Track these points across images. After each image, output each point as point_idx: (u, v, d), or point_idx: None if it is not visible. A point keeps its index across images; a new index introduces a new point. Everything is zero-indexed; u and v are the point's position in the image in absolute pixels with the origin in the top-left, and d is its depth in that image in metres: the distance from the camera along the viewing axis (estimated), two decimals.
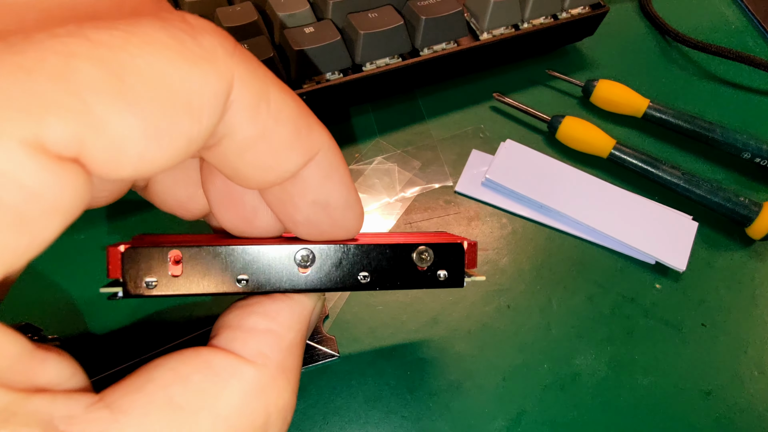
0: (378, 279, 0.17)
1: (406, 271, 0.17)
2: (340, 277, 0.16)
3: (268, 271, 0.16)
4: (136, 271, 0.15)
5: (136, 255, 0.15)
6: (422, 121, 0.38)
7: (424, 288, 0.17)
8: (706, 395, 0.29)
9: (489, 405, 0.28)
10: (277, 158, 0.14)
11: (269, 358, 0.14)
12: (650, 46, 0.43)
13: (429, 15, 0.34)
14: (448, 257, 0.17)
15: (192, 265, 0.15)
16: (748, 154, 0.36)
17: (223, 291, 0.15)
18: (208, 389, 0.12)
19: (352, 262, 0.16)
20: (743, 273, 0.33)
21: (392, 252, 0.17)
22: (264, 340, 0.14)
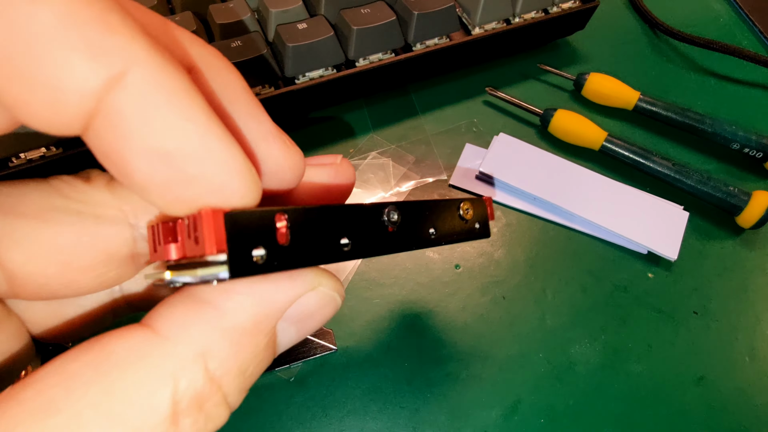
0: (442, 235, 0.17)
1: (459, 225, 0.18)
2: (418, 235, 0.16)
3: (364, 233, 0.14)
4: (243, 241, 0.11)
5: (242, 220, 0.11)
6: (416, 116, 0.38)
7: (469, 240, 0.18)
8: (698, 381, 0.30)
9: (486, 394, 0.28)
10: (33, 63, 0.09)
11: (185, 332, 0.11)
12: (640, 40, 0.44)
13: (421, 10, 0.34)
14: (479, 210, 0.19)
15: (298, 230, 0.13)
16: (737, 144, 0.36)
17: (330, 260, 0.13)
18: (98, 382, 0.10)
19: (426, 217, 0.16)
20: (734, 261, 0.34)
21: (447, 207, 0.17)
22: (194, 313, 0.11)
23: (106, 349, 0.10)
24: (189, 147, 0.11)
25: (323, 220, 0.13)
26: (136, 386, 0.10)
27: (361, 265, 0.32)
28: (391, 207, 0.15)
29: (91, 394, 0.10)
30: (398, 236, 0.15)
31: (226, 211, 0.11)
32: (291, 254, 0.12)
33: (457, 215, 0.18)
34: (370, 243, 0.14)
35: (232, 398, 0.12)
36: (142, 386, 0.10)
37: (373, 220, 0.15)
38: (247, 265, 0.11)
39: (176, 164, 0.11)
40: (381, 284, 0.31)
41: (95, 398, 0.10)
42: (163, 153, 0.10)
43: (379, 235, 0.15)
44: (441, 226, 0.17)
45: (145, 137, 0.10)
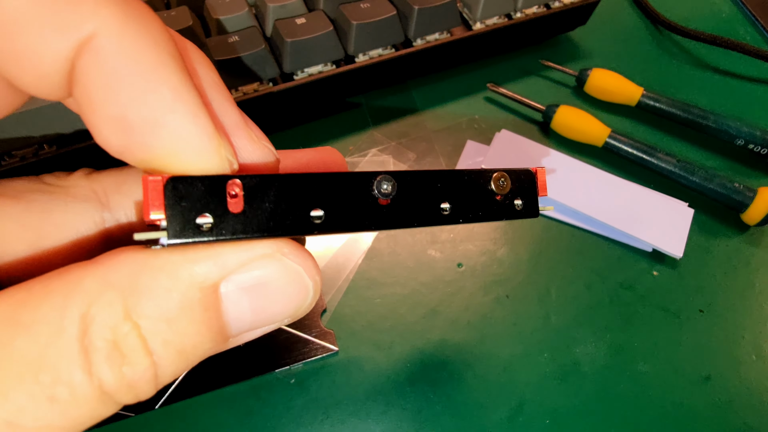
0: (459, 209, 0.15)
1: (486, 201, 0.15)
2: (421, 209, 0.14)
3: (345, 204, 0.13)
4: (185, 207, 0.11)
5: (183, 186, 0.11)
6: (416, 113, 0.37)
7: (503, 219, 0.16)
8: (704, 380, 0.29)
9: (490, 395, 0.28)
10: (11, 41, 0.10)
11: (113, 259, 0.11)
12: (642, 35, 0.43)
13: (422, 5, 0.33)
14: (522, 184, 0.16)
15: (255, 199, 0.12)
16: (741, 140, 0.36)
17: (295, 231, 0.12)
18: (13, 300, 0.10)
19: (433, 190, 0.14)
20: (739, 259, 0.33)
21: (470, 178, 0.15)
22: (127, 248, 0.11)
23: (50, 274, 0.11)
24: (149, 118, 0.11)
25: (287, 189, 0.12)
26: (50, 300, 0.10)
27: (361, 264, 0.31)
28: (382, 176, 0.14)
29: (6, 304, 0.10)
30: (394, 211, 0.14)
31: (168, 177, 0.11)
32: (244, 223, 0.12)
33: (487, 189, 0.15)
34: (353, 216, 0.13)
35: (155, 347, 0.11)
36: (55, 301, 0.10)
37: (358, 191, 0.13)
38: (191, 231, 0.11)
39: (135, 133, 0.11)
40: (382, 283, 0.31)
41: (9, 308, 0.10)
42: (123, 121, 0.11)
43: (365, 209, 0.13)
44: (459, 200, 0.15)
45: (108, 103, 0.10)
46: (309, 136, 0.35)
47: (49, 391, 0.10)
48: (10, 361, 0.10)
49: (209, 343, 0.12)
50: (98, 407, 0.11)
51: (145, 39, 0.10)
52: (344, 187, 0.13)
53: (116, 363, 0.11)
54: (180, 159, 0.11)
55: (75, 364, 0.10)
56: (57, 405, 0.10)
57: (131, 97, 0.10)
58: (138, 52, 0.10)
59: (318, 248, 0.32)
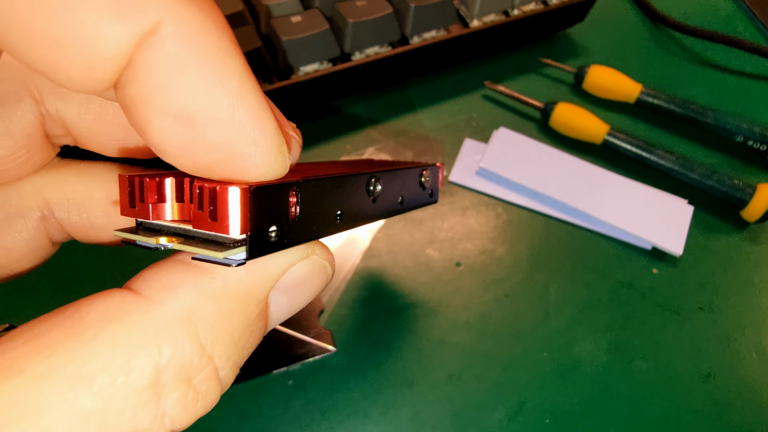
0: (408, 201, 0.17)
1: (419, 192, 0.18)
2: (391, 204, 0.16)
3: (353, 204, 0.14)
4: (264, 220, 0.10)
5: (263, 196, 0.10)
6: (413, 111, 0.37)
7: (425, 206, 0.19)
8: (705, 378, 0.29)
9: (490, 395, 0.28)
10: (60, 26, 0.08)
11: (173, 294, 0.10)
12: (640, 32, 0.43)
13: (418, 2, 0.33)
14: (434, 177, 0.19)
15: (305, 204, 0.12)
16: (740, 137, 0.36)
17: (329, 232, 0.13)
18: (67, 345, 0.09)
19: (399, 186, 0.16)
20: (739, 256, 0.33)
21: (416, 174, 0.18)
22: (181, 275, 0.10)
23: (80, 311, 0.10)
24: (214, 114, 0.10)
25: (325, 192, 0.12)
26: (110, 348, 0.09)
27: (359, 264, 0.31)
28: (375, 177, 0.15)
29: (57, 356, 0.09)
30: (377, 206, 0.15)
31: (252, 187, 0.10)
32: (298, 229, 0.12)
33: (419, 182, 0.18)
34: (358, 213, 0.14)
35: (224, 372, 0.11)
36: (117, 349, 0.09)
37: (361, 190, 0.14)
38: (264, 244, 0.11)
39: (197, 129, 0.10)
40: (381, 283, 0.30)
41: (61, 360, 0.09)
42: (185, 116, 0.10)
43: (364, 206, 0.15)
44: (407, 194, 0.17)
45: (169, 96, 0.09)
46: (306, 135, 0.35)
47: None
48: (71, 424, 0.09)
49: (255, 347, 0.12)
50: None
51: (210, 28, 0.10)
52: (353, 188, 0.14)
53: (191, 401, 0.10)
54: (244, 159, 0.10)
55: (146, 412, 0.09)
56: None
57: (196, 89, 0.09)
58: (204, 43, 0.09)
59: None
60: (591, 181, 0.34)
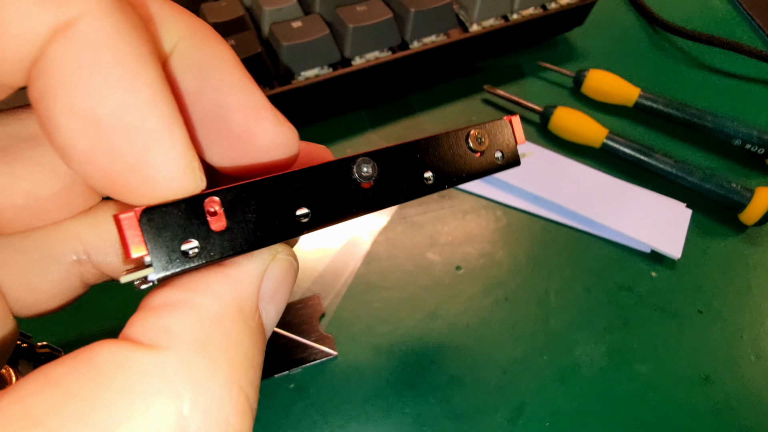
0: (443, 176, 0.14)
1: (468, 160, 0.15)
2: (406, 183, 0.14)
3: (328, 196, 0.13)
4: (166, 237, 0.11)
5: (159, 215, 0.11)
6: (413, 115, 0.37)
7: (487, 174, 0.16)
8: (704, 381, 0.29)
9: (490, 398, 0.28)
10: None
11: (177, 336, 0.10)
12: (639, 36, 0.43)
13: (418, 7, 0.33)
14: (499, 136, 0.16)
15: (237, 211, 0.11)
16: (738, 140, 0.36)
17: (284, 236, 0.12)
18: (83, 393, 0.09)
19: (413, 162, 0.14)
20: (737, 259, 0.33)
21: (449, 141, 0.15)
22: (171, 314, 0.10)
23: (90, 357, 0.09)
24: (122, 118, 0.09)
25: (267, 193, 0.12)
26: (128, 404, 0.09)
27: (360, 269, 0.31)
28: (361, 159, 0.13)
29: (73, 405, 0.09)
30: (379, 191, 0.13)
31: (142, 209, 0.10)
32: (232, 239, 0.11)
33: (466, 147, 0.15)
34: (339, 207, 0.13)
35: (250, 393, 0.11)
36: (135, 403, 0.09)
37: (339, 179, 0.13)
38: (178, 260, 0.11)
39: (104, 133, 0.10)
40: (381, 287, 0.31)
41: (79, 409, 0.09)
42: (92, 117, 0.09)
43: (350, 196, 0.13)
44: (442, 166, 0.15)
45: (78, 94, 0.09)
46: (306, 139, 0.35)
47: None
48: None
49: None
50: None
51: (130, 34, 0.09)
52: (324, 179, 0.13)
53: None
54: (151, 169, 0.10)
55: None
56: None
57: (107, 91, 0.09)
58: (122, 46, 0.09)
59: (316, 252, 0.32)
60: (590, 184, 0.34)
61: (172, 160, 0.10)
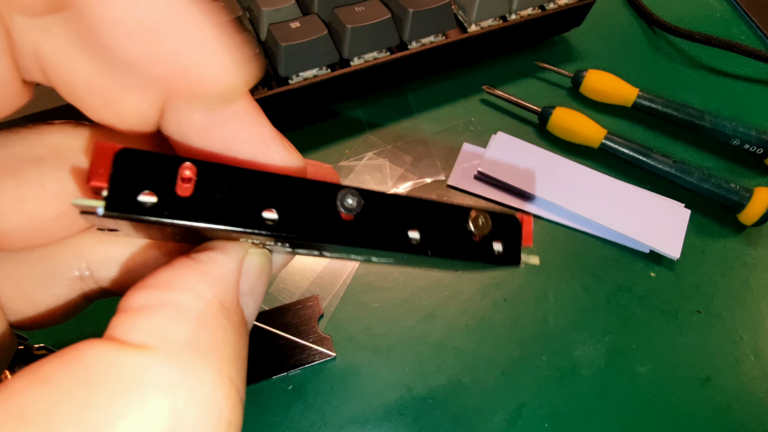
0: (430, 241, 0.14)
1: (461, 239, 0.14)
2: (388, 232, 0.13)
3: (303, 212, 0.13)
4: (129, 180, 0.11)
5: (133, 159, 0.11)
6: (412, 116, 0.37)
7: (479, 261, 0.14)
8: (703, 381, 0.29)
9: (489, 399, 0.28)
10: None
11: (165, 336, 0.10)
12: (637, 36, 0.43)
13: (416, 8, 0.33)
14: (504, 228, 0.15)
15: (207, 187, 0.12)
16: (737, 140, 0.36)
17: (242, 228, 0.12)
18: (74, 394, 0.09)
19: (403, 216, 0.14)
20: (736, 259, 0.33)
21: (447, 212, 0.14)
22: (157, 315, 0.11)
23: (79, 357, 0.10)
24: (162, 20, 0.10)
25: (244, 183, 0.12)
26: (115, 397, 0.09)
27: (359, 269, 0.31)
28: (347, 190, 0.13)
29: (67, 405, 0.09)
30: (357, 229, 0.13)
31: (121, 147, 0.11)
32: (189, 208, 0.12)
33: (464, 226, 0.14)
34: (309, 225, 0.13)
35: (240, 384, 0.11)
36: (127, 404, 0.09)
37: (320, 200, 0.13)
38: (130, 206, 0.11)
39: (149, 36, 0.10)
40: (380, 288, 0.31)
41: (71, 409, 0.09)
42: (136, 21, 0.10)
43: (324, 220, 0.13)
44: (432, 232, 0.14)
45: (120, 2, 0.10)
46: (304, 140, 0.35)
47: None
48: None
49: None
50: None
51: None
52: (307, 194, 0.13)
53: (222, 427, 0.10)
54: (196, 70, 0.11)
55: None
56: None
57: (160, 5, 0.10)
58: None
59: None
60: (588, 185, 0.34)
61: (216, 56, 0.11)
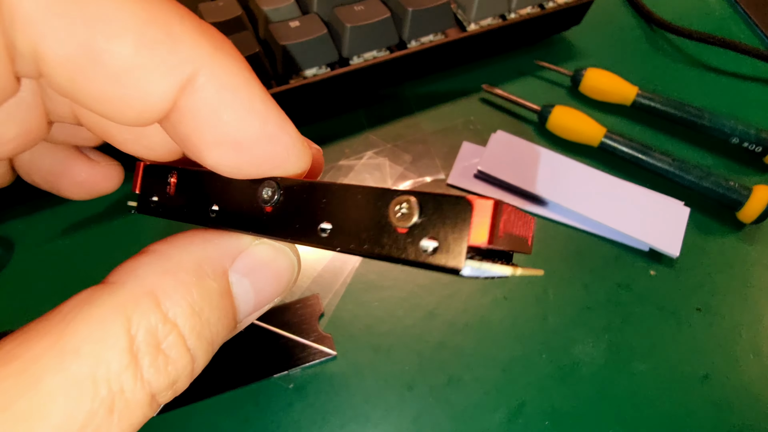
0: (340, 235, 0.12)
1: (381, 232, 0.11)
2: (300, 224, 0.12)
3: (235, 205, 0.14)
4: (148, 187, 0.15)
5: (151, 171, 0.16)
6: (411, 114, 0.37)
7: (402, 263, 0.11)
8: (703, 379, 0.29)
9: (489, 397, 0.28)
10: (120, 86, 0.11)
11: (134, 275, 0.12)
12: (636, 35, 0.43)
13: (416, 7, 0.33)
14: (440, 218, 0.10)
15: (182, 188, 0.15)
16: (736, 138, 0.36)
17: (196, 220, 0.15)
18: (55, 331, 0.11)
19: (315, 205, 0.12)
20: (735, 257, 0.33)
21: (365, 198, 0.11)
22: (139, 260, 0.12)
23: (59, 308, 0.11)
24: (254, 135, 0.12)
25: (197, 183, 0.15)
26: (86, 324, 0.11)
27: (359, 268, 0.31)
28: (267, 182, 0.13)
29: (45, 340, 0.10)
30: (275, 221, 0.13)
31: (145, 164, 0.16)
32: (171, 205, 0.15)
33: (386, 215, 0.11)
34: (240, 217, 0.14)
35: (192, 342, 0.12)
36: (92, 323, 0.11)
37: (247, 194, 0.14)
38: (148, 205, 0.16)
39: (244, 150, 0.12)
40: (380, 287, 0.31)
41: (49, 342, 0.10)
42: (231, 142, 0.12)
43: (251, 212, 0.13)
44: (345, 224, 0.12)
45: (216, 131, 0.12)
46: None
47: (107, 404, 0.10)
48: (68, 386, 0.10)
49: (226, 330, 0.13)
50: (147, 410, 0.11)
51: (234, 67, 0.12)
52: (237, 189, 0.14)
53: (162, 365, 0.12)
54: (283, 162, 0.13)
55: (128, 374, 0.11)
56: (115, 415, 0.11)
57: (235, 120, 0.12)
58: (233, 81, 0.12)
59: (315, 252, 0.31)
60: (588, 183, 0.34)
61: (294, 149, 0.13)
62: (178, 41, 0.11)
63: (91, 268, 0.30)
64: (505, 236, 0.10)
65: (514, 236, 0.11)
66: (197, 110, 0.12)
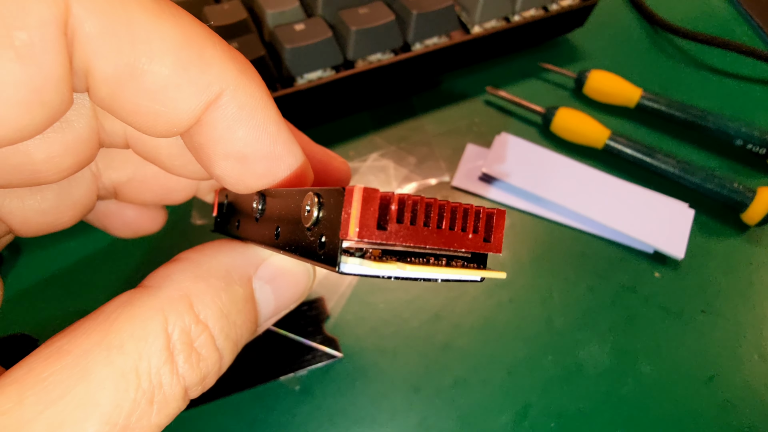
0: (283, 236, 0.13)
1: (298, 230, 0.11)
2: (268, 232, 0.14)
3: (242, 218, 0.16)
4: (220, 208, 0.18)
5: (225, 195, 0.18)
6: (416, 117, 0.37)
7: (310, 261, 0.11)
8: (708, 381, 0.29)
9: (495, 399, 0.28)
10: (155, 101, 0.12)
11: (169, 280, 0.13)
12: (640, 36, 0.44)
13: (420, 10, 0.33)
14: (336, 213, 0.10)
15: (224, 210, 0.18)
16: (740, 140, 0.36)
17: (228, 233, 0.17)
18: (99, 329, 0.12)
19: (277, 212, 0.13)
20: (740, 259, 0.33)
21: (293, 200, 0.12)
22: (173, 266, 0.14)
23: (102, 308, 0.13)
24: (261, 153, 0.14)
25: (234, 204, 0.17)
26: (129, 323, 0.12)
27: None
28: (257, 195, 0.15)
29: (93, 337, 0.12)
30: (259, 228, 0.14)
31: (218, 190, 0.19)
32: (217, 223, 0.18)
33: (300, 215, 0.11)
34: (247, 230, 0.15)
35: (220, 342, 0.14)
36: (134, 322, 0.12)
37: (248, 205, 0.15)
38: (216, 225, 0.19)
39: (249, 165, 0.14)
40: (385, 288, 0.31)
41: (97, 338, 0.12)
42: (240, 156, 0.13)
43: (249, 223, 0.15)
44: (285, 227, 0.12)
45: (229, 144, 0.13)
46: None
47: (149, 396, 0.12)
48: (115, 377, 0.11)
49: (249, 332, 0.15)
50: (181, 403, 0.13)
51: (255, 90, 0.13)
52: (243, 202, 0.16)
53: (195, 361, 0.13)
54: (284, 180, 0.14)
55: (166, 369, 0.12)
56: (155, 406, 0.12)
57: (248, 137, 0.13)
58: (252, 103, 0.13)
59: None
60: (592, 185, 0.34)
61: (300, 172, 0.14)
62: (209, 64, 0.12)
63: (96, 272, 0.30)
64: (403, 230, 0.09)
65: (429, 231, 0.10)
66: (216, 124, 0.13)
